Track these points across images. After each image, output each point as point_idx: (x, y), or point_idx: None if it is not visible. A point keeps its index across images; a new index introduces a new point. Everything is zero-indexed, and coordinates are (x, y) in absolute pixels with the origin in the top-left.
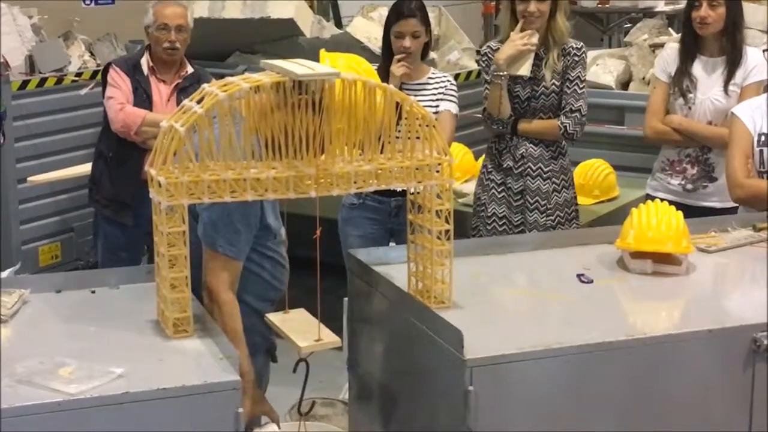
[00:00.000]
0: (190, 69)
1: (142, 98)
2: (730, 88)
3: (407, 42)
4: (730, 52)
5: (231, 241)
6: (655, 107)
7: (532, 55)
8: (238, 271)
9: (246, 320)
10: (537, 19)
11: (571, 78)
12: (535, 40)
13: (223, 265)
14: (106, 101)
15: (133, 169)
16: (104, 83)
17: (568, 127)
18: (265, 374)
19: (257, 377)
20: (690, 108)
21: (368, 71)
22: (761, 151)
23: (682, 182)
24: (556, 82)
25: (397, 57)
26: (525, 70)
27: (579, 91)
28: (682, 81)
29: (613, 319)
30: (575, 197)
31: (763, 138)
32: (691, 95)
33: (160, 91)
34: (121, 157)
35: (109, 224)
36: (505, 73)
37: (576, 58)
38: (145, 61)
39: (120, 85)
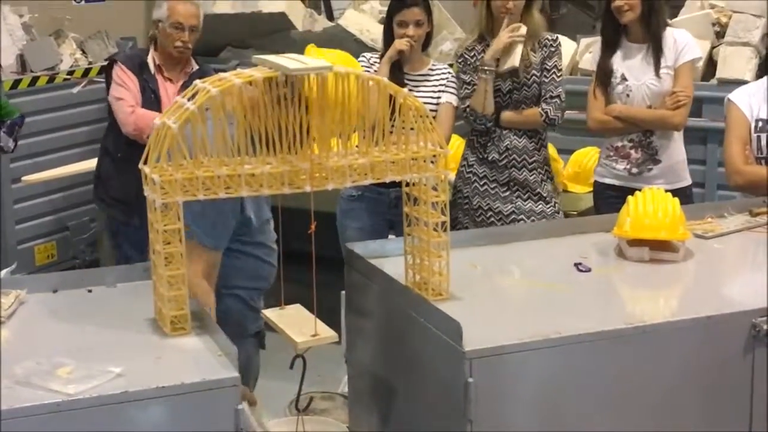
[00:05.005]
0: (195, 66)
1: (150, 99)
2: (662, 71)
3: (410, 30)
4: (649, 38)
5: (207, 233)
6: (594, 98)
7: (521, 47)
8: (215, 261)
9: (234, 307)
10: (513, 14)
11: (548, 68)
12: (523, 31)
13: (199, 255)
14: (114, 101)
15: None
16: (108, 80)
17: (549, 113)
18: (255, 359)
19: (247, 363)
20: (628, 95)
21: (357, 68)
22: (759, 137)
23: (627, 166)
24: (536, 73)
25: (402, 40)
26: (514, 61)
27: (557, 80)
28: (610, 72)
29: (612, 308)
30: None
31: (760, 124)
32: (627, 83)
33: (167, 90)
34: (130, 158)
35: (123, 224)
36: (492, 68)
37: (552, 49)
38: (151, 60)
39: (128, 85)
